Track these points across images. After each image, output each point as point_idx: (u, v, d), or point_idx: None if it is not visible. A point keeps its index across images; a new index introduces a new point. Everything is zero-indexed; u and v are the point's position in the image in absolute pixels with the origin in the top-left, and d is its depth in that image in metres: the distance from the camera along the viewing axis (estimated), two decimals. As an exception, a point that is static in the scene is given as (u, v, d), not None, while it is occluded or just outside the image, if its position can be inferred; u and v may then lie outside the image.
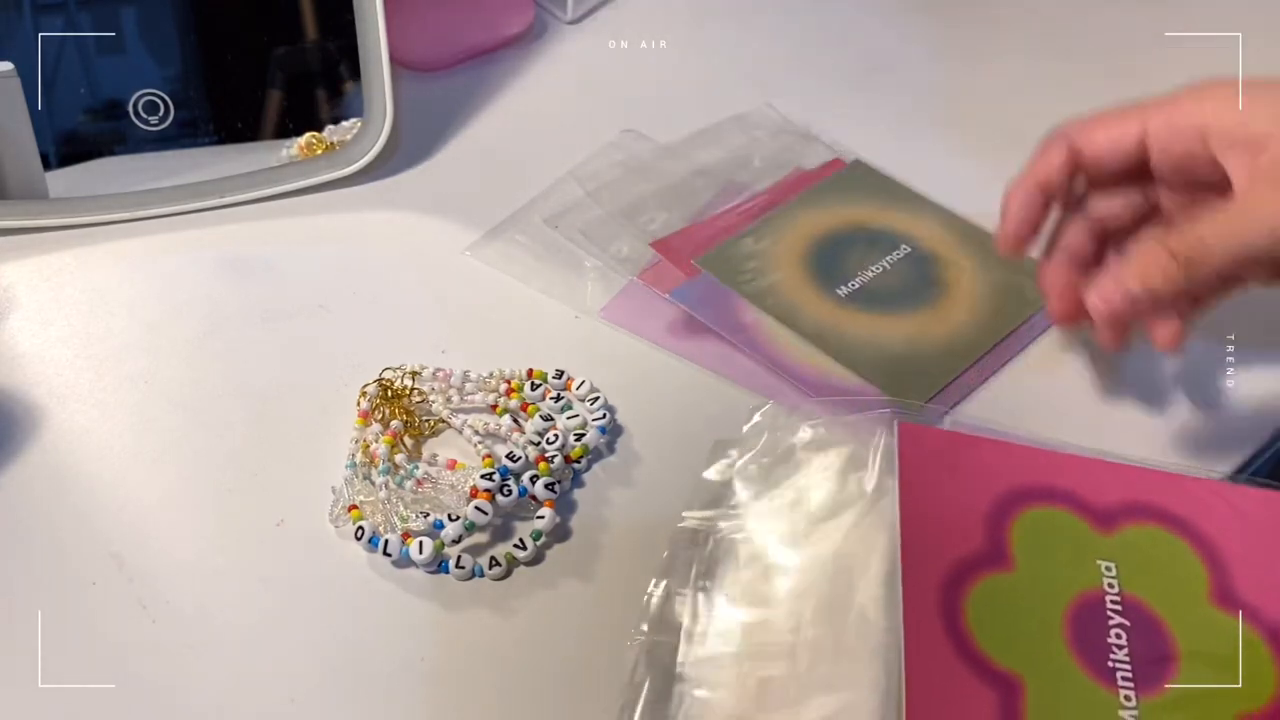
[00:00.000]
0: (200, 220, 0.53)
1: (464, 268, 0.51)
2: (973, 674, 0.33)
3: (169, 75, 0.53)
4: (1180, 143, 0.41)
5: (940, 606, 0.35)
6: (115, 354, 0.46)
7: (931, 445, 0.40)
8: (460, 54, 0.63)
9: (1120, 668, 0.34)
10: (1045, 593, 0.36)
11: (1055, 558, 0.37)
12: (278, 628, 0.37)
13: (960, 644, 0.34)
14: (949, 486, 0.38)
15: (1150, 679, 0.34)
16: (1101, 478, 0.39)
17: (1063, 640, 0.35)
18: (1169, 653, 0.35)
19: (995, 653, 0.34)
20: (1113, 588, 0.36)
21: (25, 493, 0.41)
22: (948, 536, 0.37)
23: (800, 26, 0.68)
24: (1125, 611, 0.35)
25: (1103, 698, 0.33)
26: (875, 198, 0.54)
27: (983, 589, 0.36)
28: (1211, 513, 0.38)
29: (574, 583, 0.39)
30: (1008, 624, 0.35)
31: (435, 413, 0.44)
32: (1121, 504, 0.38)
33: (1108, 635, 0.35)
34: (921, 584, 0.35)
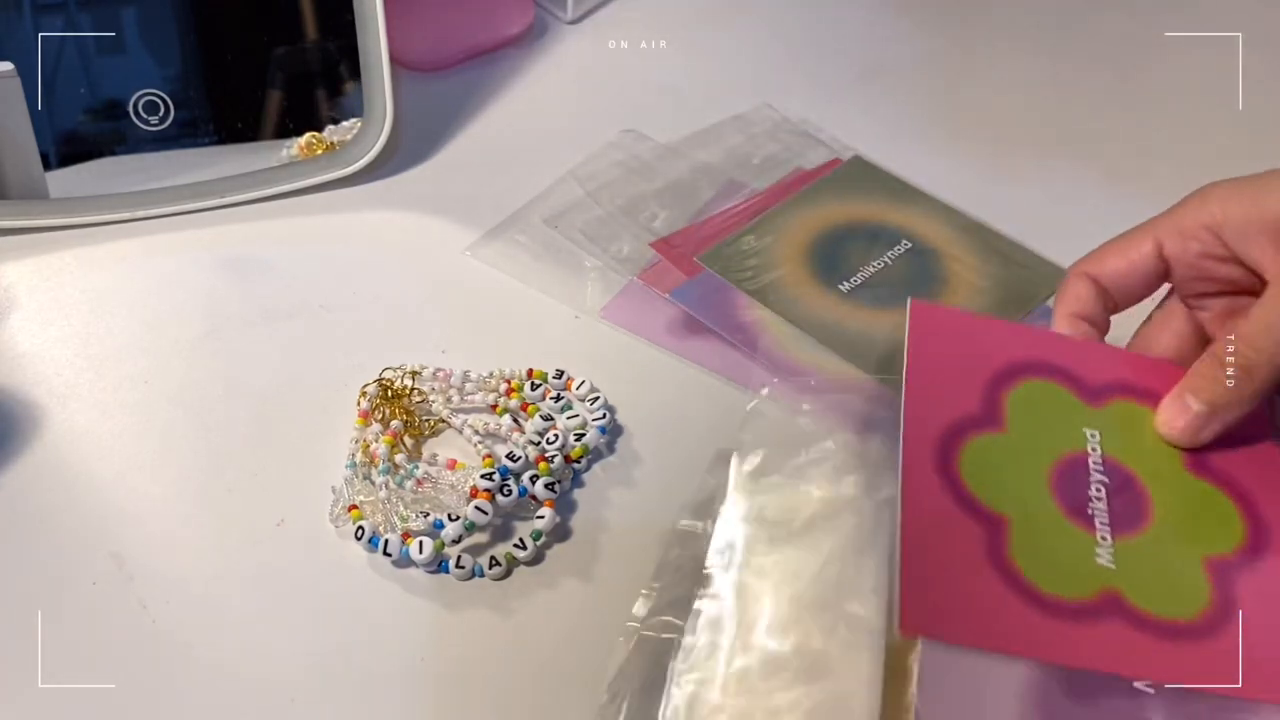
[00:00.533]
0: (200, 220, 0.53)
1: (464, 268, 0.51)
2: (963, 512, 0.36)
3: (169, 75, 0.53)
4: (1195, 245, 0.40)
5: (935, 457, 0.37)
6: (115, 354, 0.46)
7: (940, 320, 0.42)
8: (460, 54, 0.63)
9: (1098, 514, 0.37)
10: (1033, 451, 0.39)
11: (1045, 423, 0.39)
12: (278, 628, 0.37)
13: (952, 488, 0.37)
14: (953, 357, 0.41)
15: (1125, 525, 0.37)
16: (1095, 357, 0.42)
17: (1047, 490, 0.37)
18: (1144, 505, 0.38)
19: (984, 496, 0.37)
20: (1095, 451, 0.39)
21: (25, 493, 0.41)
22: (947, 400, 0.39)
23: (800, 27, 0.68)
24: (1106, 470, 0.38)
25: (1081, 537, 0.36)
26: (875, 193, 0.54)
27: (976, 445, 0.38)
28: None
29: (574, 583, 0.39)
30: (996, 474, 0.37)
31: (435, 413, 0.44)
32: (1110, 382, 0.41)
33: (1089, 489, 0.37)
34: (920, 438, 0.38)
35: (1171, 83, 0.52)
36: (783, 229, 0.51)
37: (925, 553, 0.35)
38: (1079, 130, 0.60)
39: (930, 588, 0.34)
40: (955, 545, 0.35)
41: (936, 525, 0.36)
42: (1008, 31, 0.68)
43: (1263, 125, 0.60)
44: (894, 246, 0.51)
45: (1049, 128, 0.60)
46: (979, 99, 0.62)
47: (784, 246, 0.50)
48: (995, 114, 0.56)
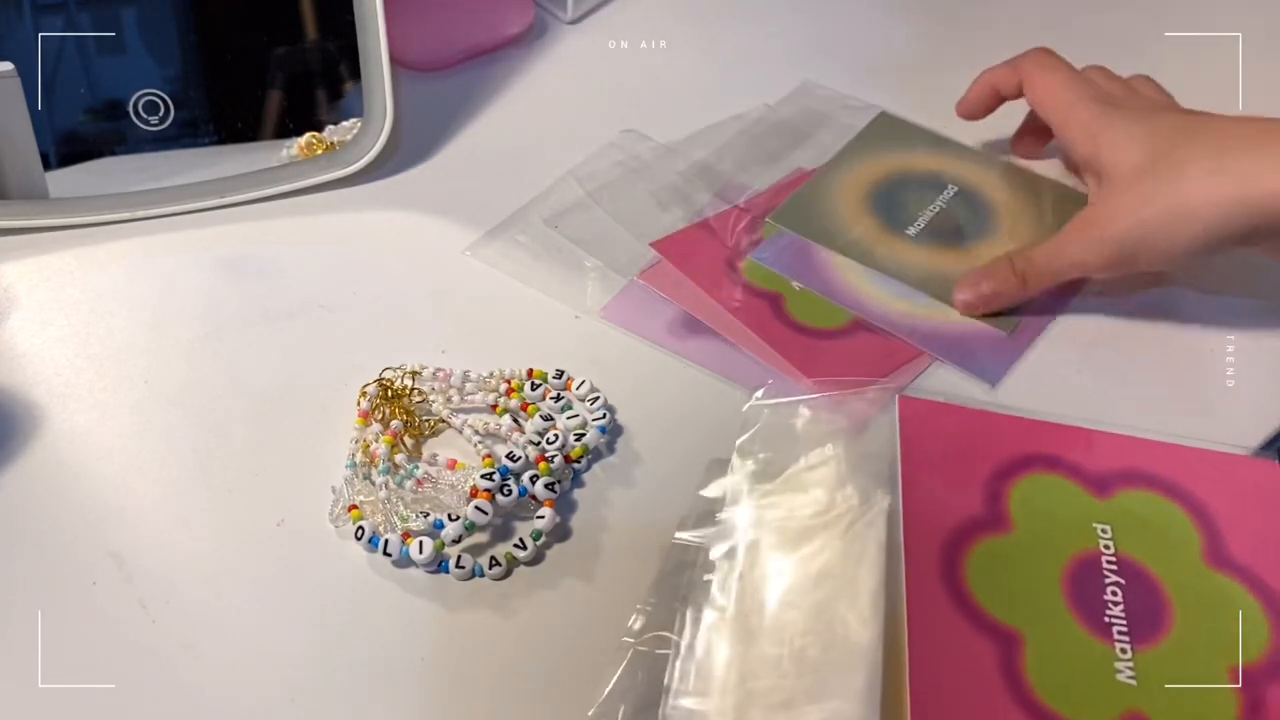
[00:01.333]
0: (200, 220, 0.53)
1: (464, 268, 0.51)
2: (973, 628, 0.34)
3: (169, 75, 0.53)
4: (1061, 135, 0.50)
5: (940, 567, 0.36)
6: (115, 354, 0.46)
7: (931, 417, 0.41)
8: (460, 54, 0.63)
9: (1116, 622, 0.35)
10: (1043, 554, 0.37)
11: (1053, 521, 0.38)
12: (278, 628, 0.37)
13: (960, 601, 0.35)
14: (948, 455, 0.40)
15: (1145, 633, 0.35)
16: (1097, 446, 0.40)
17: (1060, 598, 0.36)
18: (1163, 609, 0.36)
19: (994, 609, 0.35)
20: (1108, 549, 0.37)
21: (25, 493, 0.41)
22: (947, 502, 0.38)
23: (800, 26, 0.68)
24: (1121, 571, 0.36)
25: (1099, 650, 0.34)
26: (909, 145, 0.57)
27: (982, 550, 0.37)
28: (1202, 479, 0.39)
29: (574, 583, 0.39)
30: (1006, 583, 0.36)
31: (435, 413, 0.44)
32: (1116, 470, 0.40)
33: (1104, 593, 0.36)
34: (922, 547, 0.36)
35: (1171, 83, 0.52)
36: (835, 189, 0.54)
37: (934, 678, 0.33)
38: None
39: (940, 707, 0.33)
40: (966, 667, 0.34)
41: (945, 645, 0.34)
42: (1008, 31, 0.68)
43: (1263, 125, 0.60)
44: (942, 191, 0.54)
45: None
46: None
47: (844, 204, 0.53)
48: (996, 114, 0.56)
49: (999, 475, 0.39)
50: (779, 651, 0.34)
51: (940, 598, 0.35)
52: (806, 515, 0.37)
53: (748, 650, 0.34)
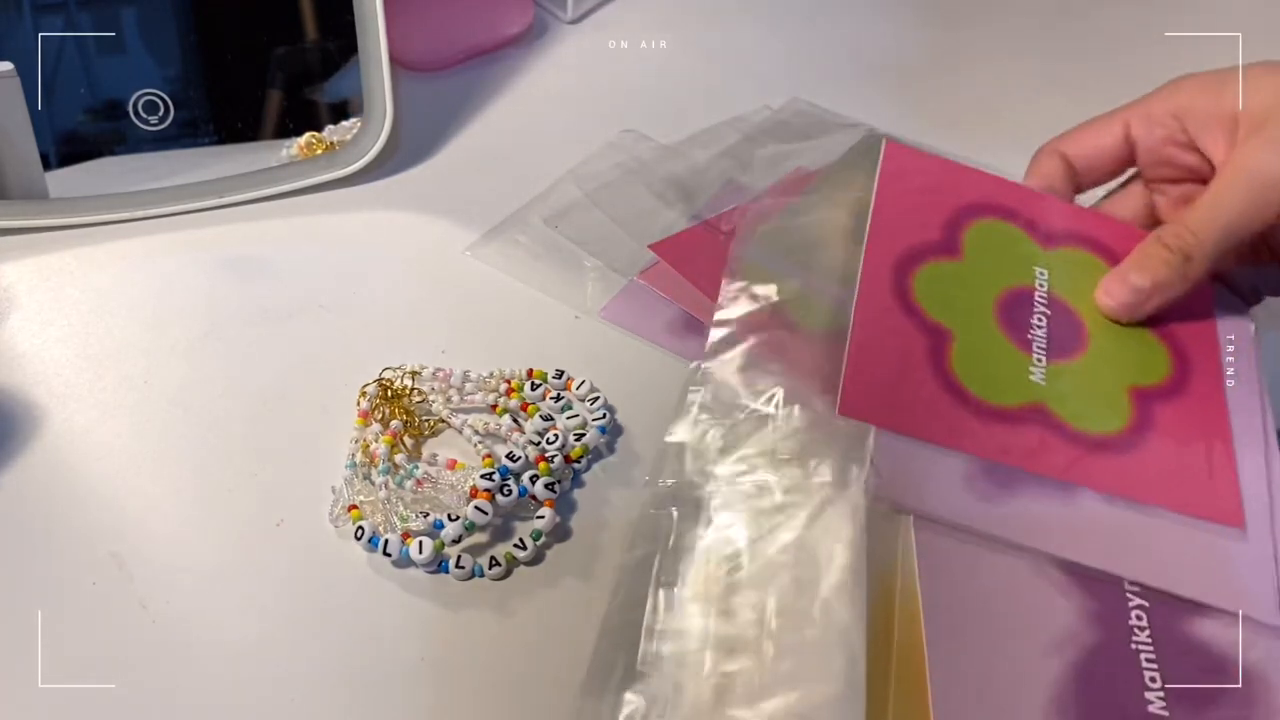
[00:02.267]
0: (200, 220, 0.53)
1: (464, 268, 0.51)
2: (910, 320, 0.40)
3: (169, 75, 0.53)
4: (1160, 131, 0.43)
5: (891, 273, 0.41)
6: (115, 354, 0.46)
7: (912, 161, 0.45)
8: (460, 54, 0.63)
9: (1036, 339, 0.40)
10: (984, 279, 0.42)
11: (999, 257, 0.43)
12: (278, 627, 0.37)
13: (903, 299, 0.40)
14: (920, 193, 0.44)
15: (1061, 352, 0.40)
16: (1054, 209, 0.45)
17: (992, 313, 0.41)
18: (1080, 338, 0.41)
19: (931, 309, 0.40)
20: (1043, 286, 0.42)
21: (25, 493, 0.41)
22: (910, 229, 0.43)
23: (800, 26, 0.68)
24: (1049, 305, 0.42)
25: (1017, 355, 0.40)
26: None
27: (931, 269, 0.42)
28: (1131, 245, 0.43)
29: (574, 583, 0.39)
30: (947, 295, 0.41)
31: (435, 413, 0.44)
32: (1065, 230, 0.44)
33: (1031, 317, 0.41)
34: (879, 256, 0.41)
35: (1171, 83, 0.53)
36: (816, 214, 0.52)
37: (871, 349, 0.38)
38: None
39: (872, 378, 0.38)
40: (899, 346, 0.39)
41: (884, 328, 0.39)
42: (1009, 32, 0.68)
43: (1263, 125, 0.60)
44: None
45: (1050, 128, 0.60)
46: (979, 99, 0.62)
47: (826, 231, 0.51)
48: (996, 115, 0.56)
49: (960, 214, 0.44)
50: (755, 634, 0.33)
51: (886, 291, 0.40)
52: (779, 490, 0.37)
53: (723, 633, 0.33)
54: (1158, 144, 0.43)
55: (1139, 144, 0.44)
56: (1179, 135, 0.43)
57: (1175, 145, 0.43)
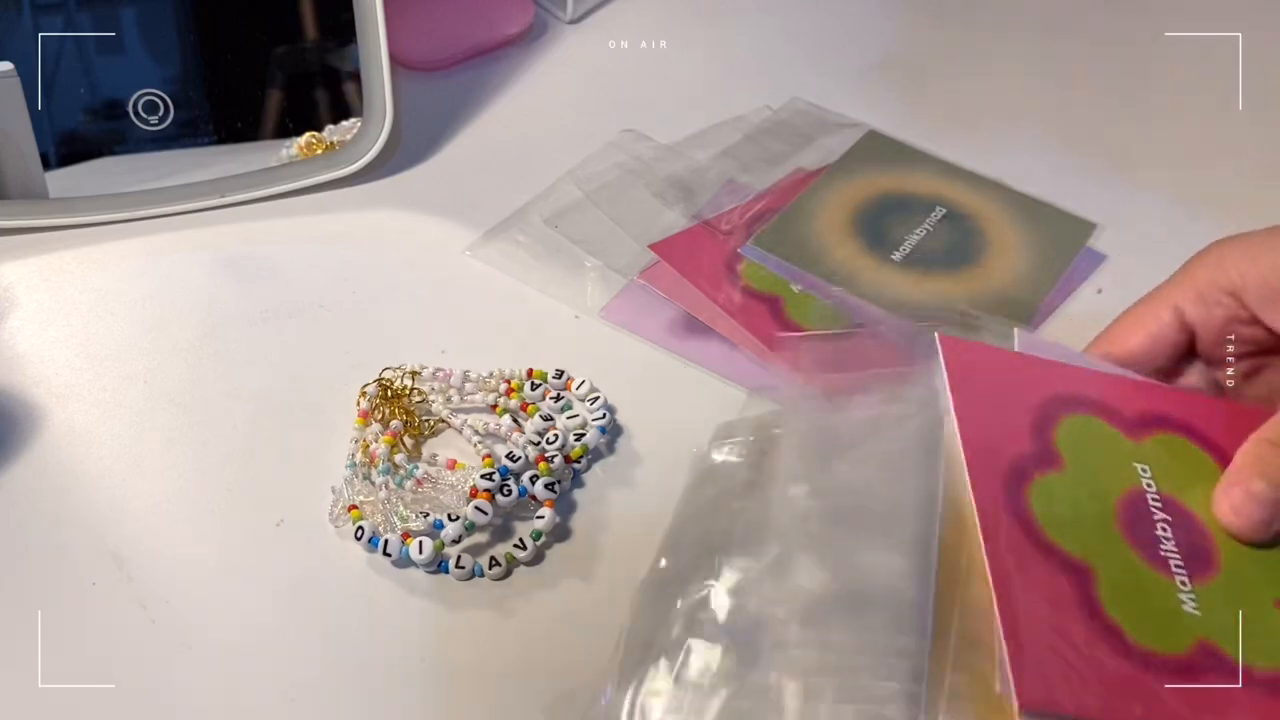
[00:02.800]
0: (200, 220, 0.53)
1: (464, 268, 0.51)
2: (1048, 562, 0.34)
3: (169, 75, 0.53)
4: (1220, 311, 0.40)
5: (1007, 502, 0.36)
6: (115, 354, 0.46)
7: (972, 355, 0.41)
8: (460, 54, 0.63)
9: (1171, 557, 0.35)
10: (1095, 490, 0.37)
11: (1098, 459, 0.38)
12: (278, 627, 0.37)
13: (1031, 535, 0.35)
14: (993, 394, 0.40)
15: (1198, 567, 0.36)
16: (1125, 391, 0.41)
17: (1118, 532, 0.36)
18: (1209, 545, 0.36)
19: (1063, 542, 0.35)
20: (1150, 487, 0.37)
21: (25, 493, 0.41)
22: (1001, 440, 0.38)
23: (800, 26, 0.68)
24: (1165, 508, 0.37)
25: (1163, 583, 0.35)
26: (896, 165, 0.56)
27: (1041, 486, 0.37)
28: (1217, 423, 0.40)
29: (574, 583, 0.39)
30: (1068, 518, 0.36)
31: (435, 413, 0.44)
32: (1146, 414, 0.40)
33: (1155, 529, 0.36)
34: (988, 480, 0.36)
35: (1171, 83, 0.52)
36: (820, 209, 0.52)
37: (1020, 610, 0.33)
38: (1080, 130, 0.60)
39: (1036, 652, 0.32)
40: (1048, 599, 0.33)
41: (1024, 577, 0.34)
42: (1009, 32, 0.68)
43: (1263, 125, 0.60)
44: (930, 214, 0.52)
45: (1050, 128, 0.60)
46: (979, 99, 0.62)
47: (827, 227, 0.52)
48: (997, 115, 0.56)
49: (1043, 415, 0.39)
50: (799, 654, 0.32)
51: (1012, 528, 0.35)
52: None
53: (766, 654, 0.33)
54: (1220, 325, 0.40)
55: (1198, 326, 0.40)
56: (1240, 312, 0.40)
57: (1239, 324, 0.40)
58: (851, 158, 0.56)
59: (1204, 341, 0.41)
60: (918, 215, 0.52)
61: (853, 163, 0.56)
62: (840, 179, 0.55)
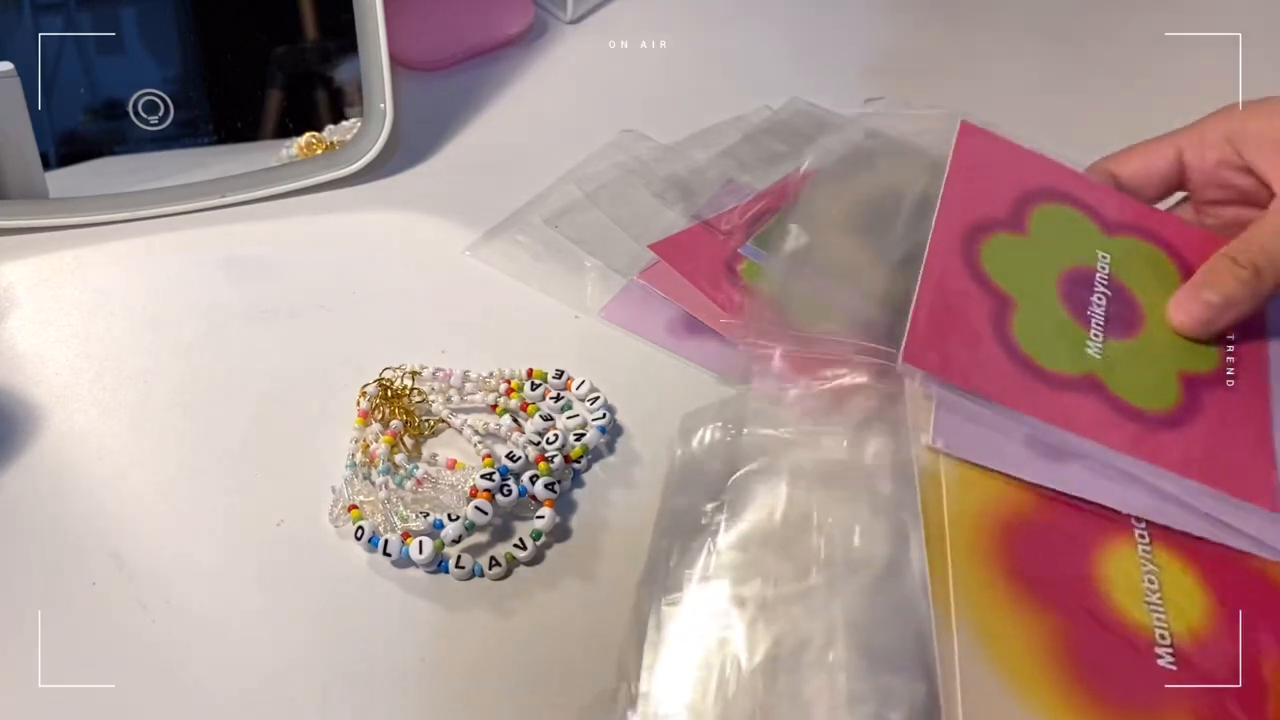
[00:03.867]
0: (200, 220, 0.53)
1: (464, 268, 0.51)
2: (976, 285, 0.41)
3: (169, 75, 0.53)
4: (1213, 154, 0.43)
5: (960, 240, 0.43)
6: (115, 354, 0.46)
7: (985, 142, 0.47)
8: (460, 54, 0.63)
9: (1095, 317, 0.42)
10: (1048, 256, 0.43)
11: (1063, 238, 0.44)
12: (278, 628, 0.37)
13: (971, 265, 0.42)
14: (991, 172, 0.46)
15: (1117, 331, 0.42)
16: (1115, 200, 0.46)
17: (1054, 288, 0.42)
18: (1137, 321, 0.42)
19: (997, 277, 0.42)
20: (1104, 269, 0.43)
21: (25, 493, 0.41)
22: (979, 204, 0.44)
23: (800, 26, 0.68)
24: (1109, 287, 0.43)
25: (1076, 330, 0.41)
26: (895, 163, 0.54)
27: (998, 240, 0.43)
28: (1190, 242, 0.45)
29: (574, 583, 0.39)
30: (1012, 266, 0.42)
31: (435, 413, 0.44)
32: (1128, 221, 0.46)
33: (1091, 296, 0.42)
34: (949, 223, 0.43)
35: (1171, 83, 0.52)
36: (820, 208, 0.52)
37: (937, 306, 0.40)
38: (1080, 129, 0.60)
39: (935, 333, 0.39)
40: (964, 307, 0.40)
41: (950, 288, 0.41)
42: (1009, 32, 0.68)
43: (1263, 125, 0.60)
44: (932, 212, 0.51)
45: (1050, 128, 0.60)
46: (979, 99, 0.62)
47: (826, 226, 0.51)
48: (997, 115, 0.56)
49: (1028, 196, 0.45)
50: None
51: (956, 256, 0.42)
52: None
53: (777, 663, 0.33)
54: (1211, 167, 0.44)
55: (1191, 167, 0.44)
56: (1233, 158, 0.43)
57: (1229, 168, 0.43)
58: (851, 156, 0.56)
59: (1194, 182, 0.45)
60: (919, 213, 0.52)
61: (852, 161, 0.56)
62: (839, 178, 0.54)
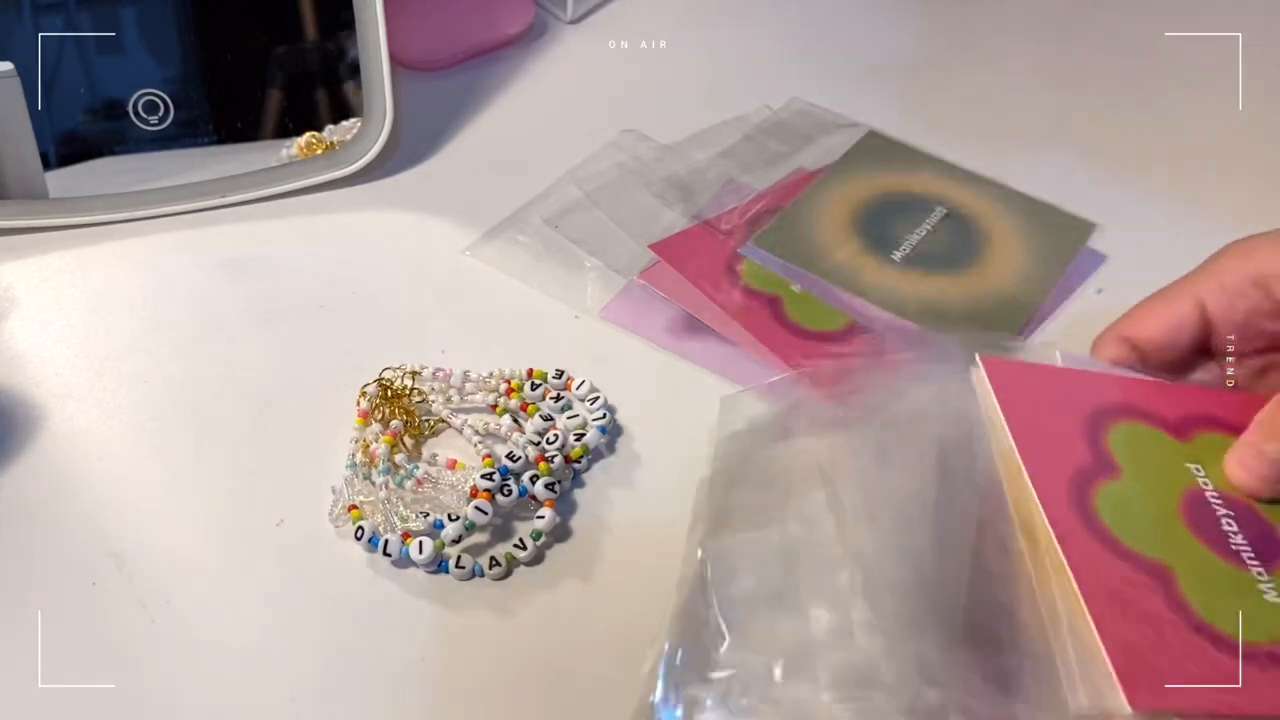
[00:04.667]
0: (200, 220, 0.53)
1: (464, 268, 0.51)
2: (1130, 567, 0.35)
3: (169, 75, 0.53)
4: (1242, 303, 0.40)
5: (1078, 515, 0.37)
6: (115, 354, 0.46)
7: (1015, 374, 0.41)
8: (460, 54, 0.63)
9: (1243, 549, 0.36)
10: (1157, 493, 0.38)
11: (1153, 463, 0.39)
12: (278, 627, 0.37)
13: (1107, 544, 0.36)
14: (1043, 410, 0.40)
15: (1271, 558, 0.36)
16: (1164, 395, 0.42)
17: (1187, 531, 0.37)
18: (1276, 535, 0.37)
19: (1140, 546, 0.36)
20: (1207, 485, 0.38)
21: (25, 493, 0.41)
22: (1058, 453, 0.38)
23: (800, 26, 0.68)
24: (1225, 504, 0.38)
25: (1240, 577, 0.36)
26: (896, 165, 0.56)
27: (1105, 494, 0.38)
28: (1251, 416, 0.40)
29: (574, 583, 0.39)
30: (1137, 521, 0.37)
31: (435, 413, 0.44)
32: (1187, 415, 0.41)
33: (1220, 525, 0.37)
34: (1054, 495, 0.37)
35: (1171, 83, 0.52)
36: (820, 209, 0.52)
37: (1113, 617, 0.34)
38: (1079, 130, 0.60)
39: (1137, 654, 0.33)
40: (1136, 602, 0.34)
41: (1111, 586, 0.34)
42: (1009, 32, 0.68)
43: (1263, 125, 0.60)
44: (930, 214, 0.52)
45: (1050, 128, 0.60)
46: (979, 99, 0.62)
47: (827, 226, 0.52)
48: (997, 115, 0.56)
49: (1093, 425, 0.40)
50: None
51: (1090, 544, 0.36)
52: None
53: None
54: (1242, 318, 0.40)
55: (1218, 319, 0.41)
56: (1264, 304, 0.40)
57: (1264, 316, 0.40)
58: (851, 158, 0.56)
59: (1220, 336, 0.41)
60: (918, 215, 0.52)
61: (853, 163, 0.56)
62: (840, 179, 0.55)
